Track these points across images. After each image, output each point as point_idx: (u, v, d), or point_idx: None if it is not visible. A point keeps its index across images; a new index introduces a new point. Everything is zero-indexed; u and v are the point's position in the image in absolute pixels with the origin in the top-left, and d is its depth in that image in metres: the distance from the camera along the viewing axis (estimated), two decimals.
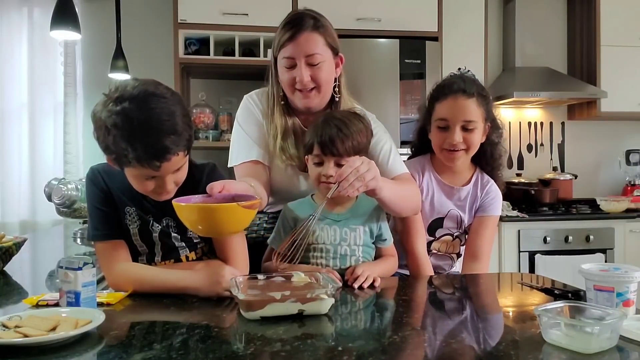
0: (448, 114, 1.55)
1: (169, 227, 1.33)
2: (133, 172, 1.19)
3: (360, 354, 0.88)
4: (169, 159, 1.15)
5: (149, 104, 1.13)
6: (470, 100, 1.54)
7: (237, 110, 1.63)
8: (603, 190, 3.92)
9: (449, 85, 1.58)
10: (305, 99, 1.50)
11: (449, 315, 1.18)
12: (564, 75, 3.82)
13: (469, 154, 1.58)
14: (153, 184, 1.20)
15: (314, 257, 1.41)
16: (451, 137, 1.54)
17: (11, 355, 0.86)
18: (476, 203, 1.66)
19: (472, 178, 1.66)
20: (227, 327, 1.05)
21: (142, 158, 1.12)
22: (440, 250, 1.68)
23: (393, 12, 3.20)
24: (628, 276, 1.03)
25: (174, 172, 1.21)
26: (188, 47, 3.18)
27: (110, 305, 1.15)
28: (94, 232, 1.30)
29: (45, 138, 3.40)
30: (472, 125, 1.54)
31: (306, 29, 1.46)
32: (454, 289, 1.43)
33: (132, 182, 1.23)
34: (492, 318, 1.13)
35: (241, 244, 1.37)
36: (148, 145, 1.11)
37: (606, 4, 3.59)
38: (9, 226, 3.26)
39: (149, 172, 1.17)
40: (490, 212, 1.66)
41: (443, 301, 1.34)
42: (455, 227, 1.66)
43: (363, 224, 1.45)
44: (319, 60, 1.47)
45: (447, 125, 1.55)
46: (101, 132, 1.15)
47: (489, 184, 1.66)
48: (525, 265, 3.21)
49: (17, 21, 3.34)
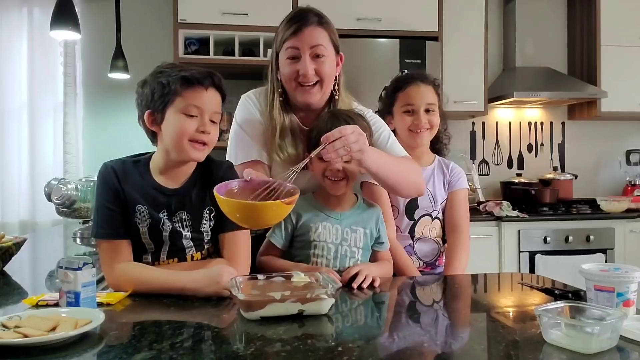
0: (413, 99, 1.75)
1: (182, 221, 1.33)
2: (178, 105, 1.27)
3: (360, 354, 0.88)
4: (215, 83, 1.30)
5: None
6: (430, 87, 1.77)
7: (235, 110, 1.63)
8: (603, 190, 3.92)
9: (410, 76, 1.82)
10: (307, 94, 1.50)
11: (449, 315, 1.18)
12: (564, 75, 3.82)
13: (432, 132, 1.78)
14: (195, 123, 1.28)
15: (315, 255, 1.42)
16: (418, 118, 1.74)
17: (11, 355, 0.86)
18: (445, 179, 1.82)
19: (435, 160, 1.85)
20: (227, 327, 1.05)
21: (194, 74, 1.27)
22: (424, 233, 1.77)
23: (393, 12, 3.20)
24: (628, 276, 1.03)
25: (212, 120, 1.31)
26: (188, 47, 3.18)
27: (110, 305, 1.15)
28: (98, 230, 1.30)
29: (45, 138, 3.40)
30: (433, 107, 1.75)
31: (311, 23, 1.47)
32: (453, 289, 1.43)
33: (173, 127, 1.29)
34: (492, 318, 1.13)
35: (245, 243, 1.38)
36: (196, 71, 1.29)
37: (606, 4, 3.59)
38: (8, 226, 3.26)
39: (195, 99, 1.27)
40: (459, 186, 1.82)
41: (443, 301, 1.34)
42: (430, 205, 1.78)
43: (364, 226, 1.45)
44: (324, 53, 1.48)
45: (413, 110, 1.75)
46: (148, 82, 1.31)
47: (451, 163, 1.86)
48: (526, 266, 3.21)
49: (17, 21, 3.34)
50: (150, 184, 1.33)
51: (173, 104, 1.27)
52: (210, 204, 1.36)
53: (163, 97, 1.28)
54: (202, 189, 1.36)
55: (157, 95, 1.28)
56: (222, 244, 1.38)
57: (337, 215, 1.44)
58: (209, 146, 1.32)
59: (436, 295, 1.39)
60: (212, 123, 1.31)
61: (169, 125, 1.29)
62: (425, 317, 1.16)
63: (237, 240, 1.36)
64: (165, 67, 1.32)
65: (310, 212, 1.44)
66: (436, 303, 1.32)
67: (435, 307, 1.28)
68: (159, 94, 1.28)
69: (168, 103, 1.28)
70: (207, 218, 1.36)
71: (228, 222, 1.35)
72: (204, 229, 1.36)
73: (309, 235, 1.43)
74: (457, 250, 1.75)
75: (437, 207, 1.79)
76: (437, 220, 1.80)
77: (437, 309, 1.26)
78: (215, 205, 1.34)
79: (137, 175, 1.33)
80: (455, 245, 1.77)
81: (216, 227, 1.38)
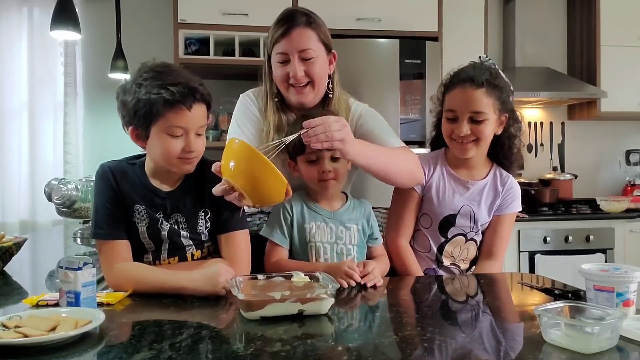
0: (456, 104, 1.50)
1: (178, 223, 1.34)
2: (162, 126, 1.24)
3: (360, 354, 0.88)
4: (200, 100, 1.25)
5: (171, 67, 1.29)
6: (479, 91, 1.47)
7: (234, 109, 1.63)
8: (603, 190, 3.92)
9: (458, 75, 1.53)
10: (300, 94, 1.50)
11: (449, 315, 1.18)
12: (564, 75, 3.82)
13: (480, 145, 1.51)
14: (180, 143, 1.25)
15: (312, 256, 1.42)
16: (459, 128, 1.48)
17: (11, 355, 0.86)
18: (497, 201, 1.59)
19: (490, 173, 1.60)
20: (227, 327, 1.05)
21: (176, 95, 1.21)
22: (453, 254, 1.61)
23: (393, 12, 3.20)
24: (628, 276, 1.03)
25: (197, 135, 1.27)
26: (188, 47, 3.17)
27: (110, 305, 1.15)
28: (97, 230, 1.31)
29: (45, 138, 3.40)
30: (481, 116, 1.47)
31: (299, 25, 1.47)
32: (453, 289, 1.43)
33: (158, 147, 1.26)
34: (492, 318, 1.13)
35: (244, 243, 1.38)
36: (180, 86, 1.22)
37: (606, 4, 3.59)
38: (9, 226, 3.26)
39: (178, 120, 1.23)
40: (511, 210, 1.61)
41: (443, 301, 1.34)
42: (468, 225, 1.58)
43: (356, 223, 1.46)
44: (312, 56, 1.47)
45: (456, 117, 1.50)
46: (130, 94, 1.24)
47: (509, 180, 1.60)
48: (525, 265, 3.21)
49: (17, 21, 3.34)
50: (146, 185, 1.33)
51: (156, 124, 1.25)
52: (205, 206, 1.36)
53: (145, 117, 1.24)
54: (196, 191, 1.35)
55: (140, 114, 1.24)
56: (221, 244, 1.38)
57: (329, 214, 1.45)
58: (198, 157, 1.31)
59: (436, 295, 1.39)
60: (198, 136, 1.29)
61: (154, 144, 1.27)
62: (425, 316, 1.16)
63: (236, 240, 1.36)
64: (145, 76, 1.24)
65: (304, 213, 1.45)
66: (436, 303, 1.32)
67: (435, 307, 1.28)
68: (141, 112, 1.24)
69: (151, 123, 1.25)
70: (203, 220, 1.36)
71: (226, 223, 1.35)
72: (201, 230, 1.36)
73: (304, 235, 1.43)
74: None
75: (476, 229, 1.59)
76: (472, 243, 1.61)
77: (437, 308, 1.26)
78: (211, 208, 1.34)
79: (134, 176, 1.33)
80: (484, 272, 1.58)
81: (214, 228, 1.38)
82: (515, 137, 1.59)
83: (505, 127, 1.56)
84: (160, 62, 1.29)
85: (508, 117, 1.55)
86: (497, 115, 1.51)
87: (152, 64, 1.28)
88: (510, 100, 1.56)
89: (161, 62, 1.29)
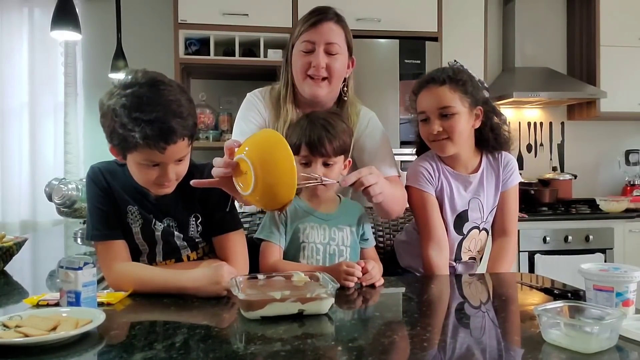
0: (424, 105, 1.54)
1: (170, 227, 1.33)
2: (137, 158, 1.19)
3: (360, 354, 0.88)
4: (175, 141, 1.16)
5: (157, 86, 1.17)
6: (442, 88, 1.51)
7: (239, 109, 1.64)
8: (603, 190, 3.93)
9: (422, 79, 1.58)
10: (315, 86, 1.53)
11: (449, 315, 1.18)
12: (564, 75, 3.83)
13: (455, 141, 1.52)
14: (156, 172, 1.21)
15: (304, 257, 1.42)
16: (431, 127, 1.51)
17: (11, 355, 0.87)
18: (498, 180, 1.62)
19: (481, 163, 1.62)
20: (227, 327, 1.05)
21: (149, 137, 1.13)
22: (470, 248, 1.63)
23: (393, 12, 3.20)
24: (627, 276, 1.03)
25: (177, 162, 1.22)
26: (188, 48, 3.18)
27: (110, 305, 1.15)
28: (93, 232, 1.30)
29: (45, 138, 3.40)
30: (449, 110, 1.49)
31: (331, 19, 1.53)
32: (453, 288, 1.43)
33: (134, 172, 1.23)
34: (491, 318, 1.14)
35: (241, 243, 1.38)
36: (155, 125, 1.13)
37: (606, 4, 3.59)
38: (9, 226, 3.26)
39: (153, 156, 1.17)
40: (512, 183, 1.64)
41: (443, 301, 1.34)
42: (479, 217, 1.61)
43: (349, 225, 1.46)
44: (337, 51, 1.52)
45: (427, 117, 1.53)
46: (108, 117, 1.17)
47: (503, 156, 1.63)
48: (525, 265, 3.21)
49: (17, 21, 3.34)
50: (136, 187, 1.30)
51: (131, 154, 1.20)
52: (196, 211, 1.35)
53: (121, 144, 1.18)
54: (185, 197, 1.33)
55: (114, 142, 1.19)
56: (217, 246, 1.37)
57: (322, 216, 1.45)
58: (178, 180, 1.26)
59: (436, 295, 1.39)
60: (179, 161, 1.23)
61: (131, 168, 1.24)
62: (424, 316, 1.16)
63: (230, 241, 1.35)
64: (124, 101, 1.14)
65: (297, 213, 1.45)
66: (436, 302, 1.32)
67: (435, 306, 1.28)
68: (116, 141, 1.18)
69: (127, 152, 1.20)
70: (194, 225, 1.35)
71: (219, 225, 1.34)
72: (192, 234, 1.35)
73: (297, 236, 1.43)
74: (502, 259, 1.60)
75: (486, 217, 1.62)
76: (484, 232, 1.64)
77: (437, 308, 1.26)
78: (202, 212, 1.34)
79: (124, 177, 1.30)
80: (500, 253, 1.61)
81: (208, 231, 1.37)
82: (499, 128, 1.60)
83: (484, 121, 1.57)
84: (148, 76, 1.19)
85: (483, 110, 1.56)
86: (468, 109, 1.52)
87: (135, 78, 1.17)
88: (483, 94, 1.58)
89: (148, 78, 1.18)
